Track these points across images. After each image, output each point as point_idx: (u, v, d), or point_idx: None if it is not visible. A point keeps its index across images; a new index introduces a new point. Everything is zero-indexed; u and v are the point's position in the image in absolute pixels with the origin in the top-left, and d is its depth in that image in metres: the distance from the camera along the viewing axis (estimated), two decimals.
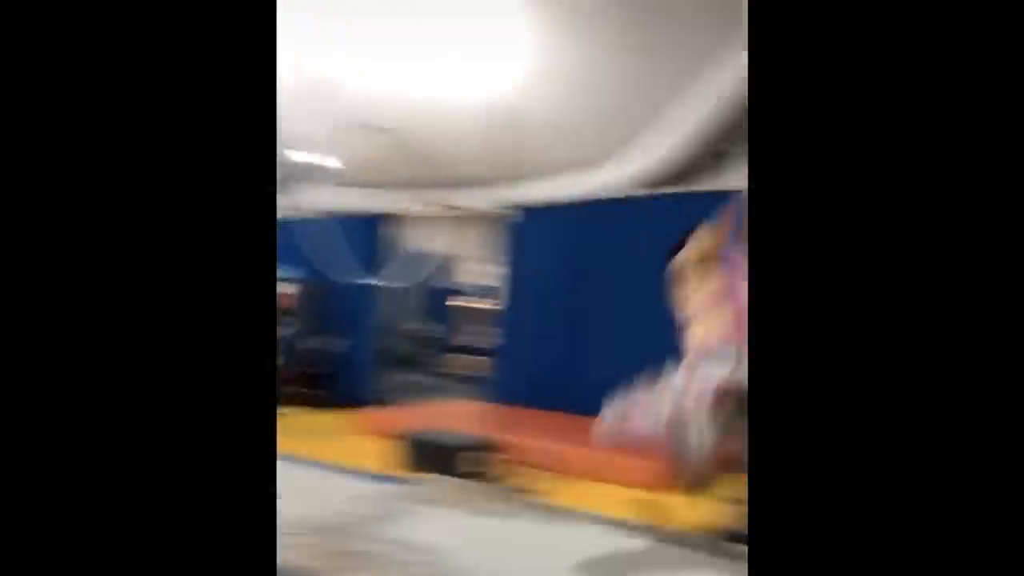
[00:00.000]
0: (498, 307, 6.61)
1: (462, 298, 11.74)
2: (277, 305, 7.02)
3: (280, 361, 6.13)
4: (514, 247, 6.20)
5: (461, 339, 11.01)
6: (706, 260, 2.23)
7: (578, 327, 5.74)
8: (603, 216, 5.69)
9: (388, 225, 6.92)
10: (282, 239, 8.02)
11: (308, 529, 2.43)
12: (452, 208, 6.37)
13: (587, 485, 3.96)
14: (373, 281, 5.98)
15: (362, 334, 6.72)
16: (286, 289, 6.79)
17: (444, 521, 2.71)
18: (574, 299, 5.82)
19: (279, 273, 7.15)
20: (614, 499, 3.55)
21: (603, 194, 5.83)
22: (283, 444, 4.79)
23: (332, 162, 5.63)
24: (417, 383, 8.13)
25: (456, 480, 3.31)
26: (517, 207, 6.13)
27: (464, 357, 10.48)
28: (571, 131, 7.02)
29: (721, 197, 2.36)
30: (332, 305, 6.95)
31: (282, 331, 6.43)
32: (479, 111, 5.40)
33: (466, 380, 8.92)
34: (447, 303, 11.37)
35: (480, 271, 10.13)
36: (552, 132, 7.15)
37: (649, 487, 3.74)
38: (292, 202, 6.69)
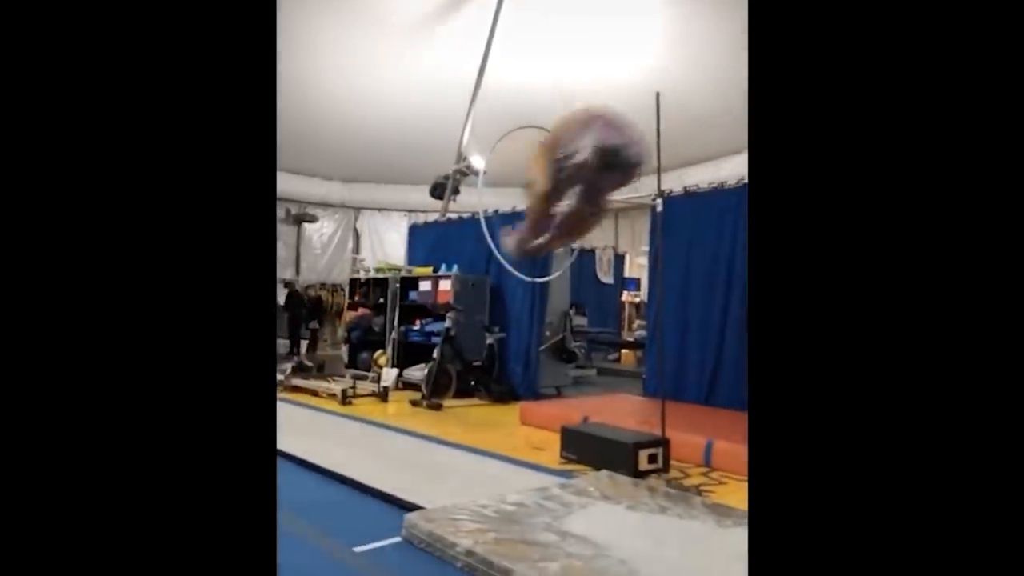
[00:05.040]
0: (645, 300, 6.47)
1: (629, 293, 11.70)
2: (437, 300, 7.22)
3: (440, 354, 6.46)
4: (657, 238, 6.11)
5: (629, 334, 10.97)
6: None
7: (718, 320, 5.57)
8: (738, 202, 5.43)
9: None
10: (445, 238, 8.29)
11: (481, 517, 2.57)
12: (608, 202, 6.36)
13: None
14: (534, 277, 6.10)
15: (524, 329, 6.92)
16: (445, 286, 7.13)
17: (610, 515, 2.74)
18: (711, 291, 5.64)
19: (443, 269, 7.44)
20: None
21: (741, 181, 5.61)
22: (450, 434, 5.08)
23: (481, 164, 5.83)
24: (579, 377, 8.21)
25: (624, 476, 3.31)
26: (663, 196, 6.01)
27: (631, 352, 10.44)
28: (714, 122, 6.88)
29: None
30: (494, 300, 7.23)
31: (442, 326, 6.76)
32: (630, 106, 5.41)
33: (628, 374, 8.89)
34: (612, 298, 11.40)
35: (642, 264, 10.00)
36: (695, 124, 7.16)
37: None
38: (458, 202, 7.02)
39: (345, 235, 12.15)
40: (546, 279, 6.50)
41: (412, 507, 2.76)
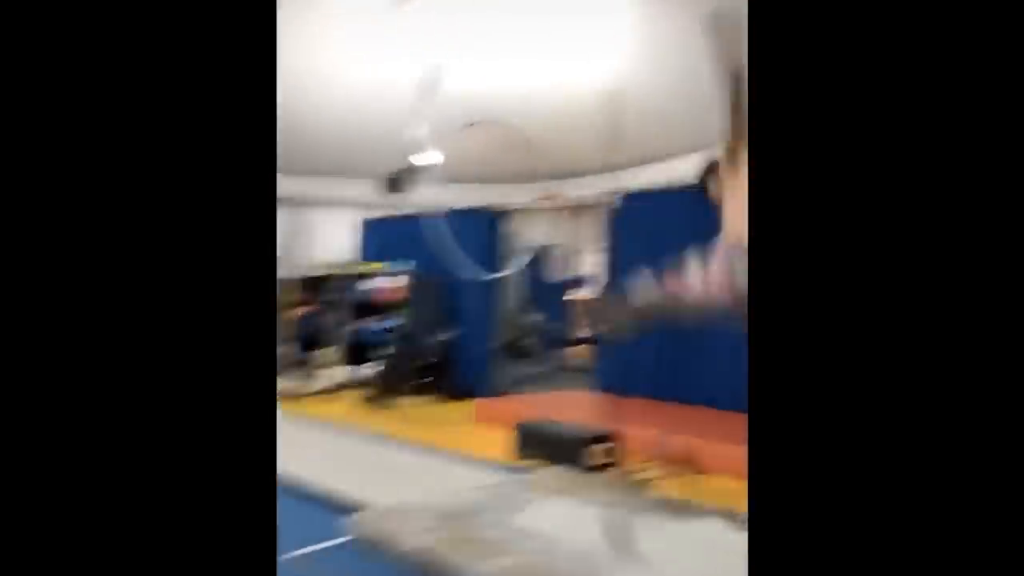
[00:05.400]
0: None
1: (579, 290, 11.75)
2: (389, 298, 7.14)
3: (393, 351, 6.39)
4: (612, 235, 6.13)
5: (578, 331, 11.02)
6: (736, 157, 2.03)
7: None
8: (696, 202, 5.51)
9: (503, 219, 7.02)
10: (399, 234, 8.22)
11: (432, 515, 2.52)
12: (560, 198, 6.36)
13: (700, 477, 3.83)
14: (488, 274, 6.08)
15: (478, 326, 6.87)
16: (399, 282, 7.03)
17: (563, 510, 2.72)
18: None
19: (394, 266, 7.32)
20: (724, 490, 3.41)
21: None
22: (404, 432, 5.01)
23: (438, 158, 5.78)
24: (533, 374, 8.21)
25: (578, 471, 3.31)
26: (620, 195, 6.03)
27: (581, 348, 10.49)
28: (674, 120, 6.89)
29: None
30: (448, 297, 7.16)
31: (396, 323, 6.69)
32: (587, 102, 5.37)
33: (581, 370, 8.93)
34: (565, 296, 11.43)
35: (595, 262, 10.09)
36: (655, 121, 7.07)
37: None
38: (408, 199, 6.94)
39: (292, 230, 11.89)
40: (499, 275, 6.48)
41: (360, 507, 2.69)
